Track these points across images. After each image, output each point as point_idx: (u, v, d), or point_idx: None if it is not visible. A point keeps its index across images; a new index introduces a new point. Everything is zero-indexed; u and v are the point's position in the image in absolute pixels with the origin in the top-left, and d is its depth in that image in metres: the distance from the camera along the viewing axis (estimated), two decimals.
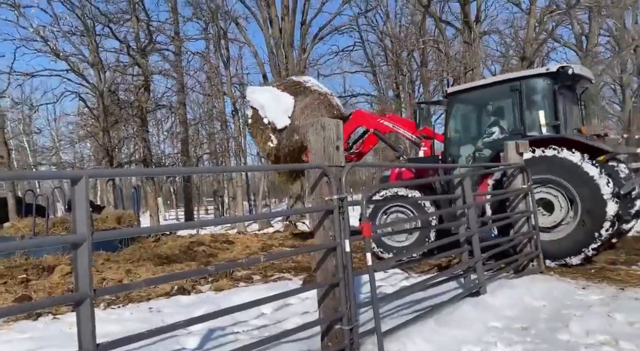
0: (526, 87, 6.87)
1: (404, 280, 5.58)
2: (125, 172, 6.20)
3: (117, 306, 5.36)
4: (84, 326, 2.19)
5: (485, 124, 7.61)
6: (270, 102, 9.08)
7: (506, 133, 7.13)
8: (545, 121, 6.79)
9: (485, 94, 7.46)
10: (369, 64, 25.36)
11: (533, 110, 6.91)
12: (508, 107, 7.22)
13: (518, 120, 6.93)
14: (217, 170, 12.42)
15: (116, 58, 19.25)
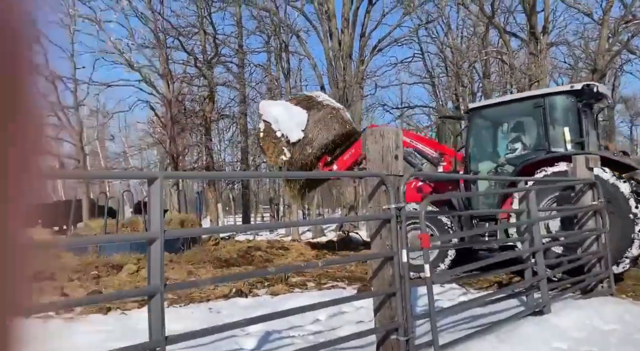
0: (550, 104, 6.90)
1: (461, 295, 5.44)
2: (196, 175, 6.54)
3: (178, 305, 5.60)
4: (155, 318, 2.32)
5: (508, 140, 7.59)
6: (284, 115, 9.25)
7: (529, 150, 7.13)
8: (570, 137, 6.77)
9: (508, 110, 7.49)
10: (427, 75, 25.08)
11: (557, 126, 6.93)
12: (531, 123, 7.24)
13: (542, 136, 6.93)
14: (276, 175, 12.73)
15: (184, 69, 20.26)
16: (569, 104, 6.87)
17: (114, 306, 5.38)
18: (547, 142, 6.85)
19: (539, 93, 7.32)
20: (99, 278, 7.20)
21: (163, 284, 2.33)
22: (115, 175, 6.80)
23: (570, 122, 6.86)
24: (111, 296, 3.88)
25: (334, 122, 9.48)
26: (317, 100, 9.81)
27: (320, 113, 9.48)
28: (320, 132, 9.31)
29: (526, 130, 7.43)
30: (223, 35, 20.20)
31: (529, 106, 7.12)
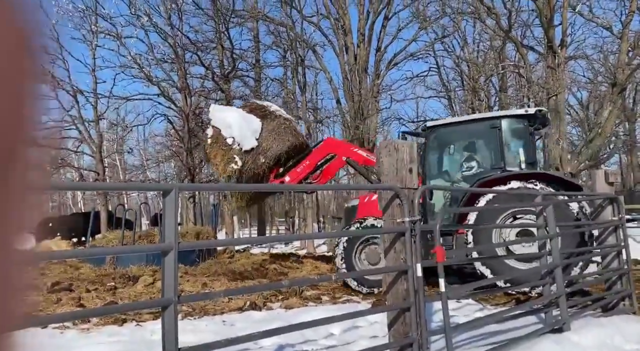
0: (505, 126, 7.31)
1: (477, 311, 5.35)
2: (211, 187, 6.58)
3: (193, 317, 5.61)
4: (168, 330, 2.33)
5: (463, 158, 7.89)
6: (238, 122, 8.90)
7: (485, 168, 7.47)
8: (525, 158, 7.28)
9: (465, 130, 7.83)
10: (443, 89, 25.03)
11: (512, 147, 7.43)
12: (488, 143, 7.61)
13: (498, 156, 7.31)
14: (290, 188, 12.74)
15: (201, 83, 20.56)
16: (523, 127, 7.35)
17: (129, 318, 5.41)
18: (502, 161, 7.22)
19: (495, 115, 7.76)
20: (116, 290, 7.26)
21: (177, 296, 2.34)
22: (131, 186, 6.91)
23: (523, 143, 7.38)
24: (126, 307, 3.91)
25: (287, 133, 9.33)
26: (269, 109, 9.64)
27: (274, 123, 9.31)
28: (275, 142, 9.11)
29: (482, 150, 7.80)
30: (240, 50, 20.52)
31: (485, 127, 7.48)
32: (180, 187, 2.72)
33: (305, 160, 9.07)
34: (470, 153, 7.86)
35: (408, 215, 3.25)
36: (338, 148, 9.17)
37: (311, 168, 8.88)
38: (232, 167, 8.67)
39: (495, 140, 7.35)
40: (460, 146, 8.11)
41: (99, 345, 4.35)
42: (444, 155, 8.17)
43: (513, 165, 7.24)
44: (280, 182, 8.92)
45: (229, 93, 19.25)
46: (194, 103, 19.18)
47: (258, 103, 9.97)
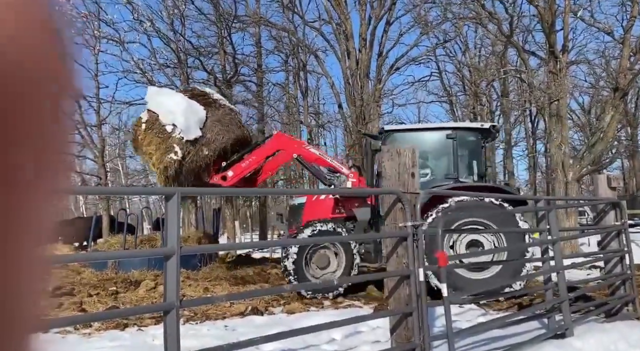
0: (460, 138, 7.52)
1: (480, 316, 5.33)
2: (213, 191, 6.55)
3: (195, 322, 5.60)
4: (170, 334, 2.33)
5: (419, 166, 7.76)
6: (183, 108, 7.94)
7: (438, 177, 7.62)
8: (477, 170, 7.60)
9: (421, 138, 7.85)
10: (445, 94, 25.07)
11: (466, 158, 7.66)
12: (442, 152, 7.76)
13: (452, 165, 7.52)
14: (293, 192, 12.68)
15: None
16: (476, 140, 7.64)
17: (131, 322, 5.40)
18: (456, 171, 7.45)
19: (452, 126, 8.01)
20: (117, 294, 7.25)
21: (179, 300, 2.35)
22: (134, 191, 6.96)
23: (475, 155, 7.66)
24: (128, 312, 3.90)
25: (232, 125, 8.68)
26: (213, 97, 8.86)
27: (219, 113, 8.60)
28: (220, 134, 8.37)
29: (436, 159, 7.92)
30: (242, 55, 20.59)
31: (441, 136, 7.66)
32: (182, 191, 2.73)
33: (252, 154, 8.51)
34: (424, 161, 7.83)
35: (410, 220, 3.25)
36: (288, 144, 8.65)
37: (258, 164, 8.34)
38: (170, 157, 7.77)
39: (450, 150, 7.53)
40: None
41: (100, 349, 4.34)
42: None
43: (465, 175, 7.52)
44: (222, 177, 8.26)
45: (231, 98, 19.29)
46: None
47: (199, 89, 9.11)
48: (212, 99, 8.81)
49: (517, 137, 26.74)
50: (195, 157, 8.02)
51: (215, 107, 8.68)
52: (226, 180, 8.25)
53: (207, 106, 8.54)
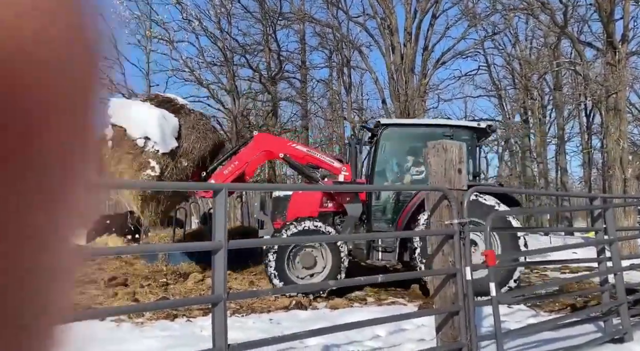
0: (457, 136, 7.31)
1: (530, 317, 5.15)
2: (258, 187, 6.62)
3: (240, 315, 5.72)
4: (218, 326, 2.40)
5: (414, 162, 7.75)
6: (156, 118, 7.20)
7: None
8: (473, 170, 7.48)
9: (418, 133, 7.71)
10: (494, 88, 24.30)
11: None
12: None
13: None
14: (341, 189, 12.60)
15: (249, 85, 20.99)
16: (472, 139, 7.52)
17: (180, 313, 5.59)
18: None
19: (449, 123, 7.94)
20: (167, 286, 7.52)
21: (226, 293, 2.40)
22: (183, 186, 6.87)
23: (470, 155, 7.34)
24: (178, 303, 4.04)
25: (207, 130, 8.10)
26: (179, 103, 8.17)
27: (190, 119, 7.97)
28: (197, 141, 7.79)
29: None
30: (287, 51, 20.78)
31: (438, 134, 7.42)
32: (229, 187, 2.79)
33: (233, 159, 7.86)
34: (419, 158, 7.61)
35: (457, 217, 3.18)
36: (273, 144, 8.13)
37: (241, 169, 7.69)
38: (147, 174, 7.06)
39: None
40: (410, 148, 7.94)
41: (152, 338, 4.52)
42: (393, 155, 7.99)
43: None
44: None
45: (275, 94, 19.54)
46: (242, 105, 19.59)
47: (163, 95, 8.32)
48: (180, 105, 8.15)
49: (570, 132, 25.58)
50: (175, 170, 7.43)
51: (185, 112, 8.08)
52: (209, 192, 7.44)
53: (177, 113, 7.91)
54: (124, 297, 6.80)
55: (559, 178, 23.79)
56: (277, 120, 20.45)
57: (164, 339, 4.48)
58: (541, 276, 8.39)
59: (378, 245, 7.19)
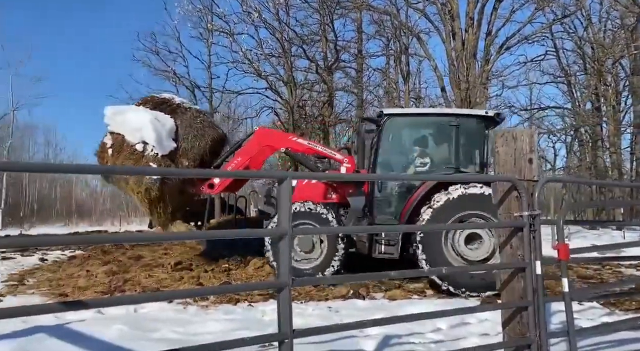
0: (463, 125, 7.16)
1: (604, 315, 4.87)
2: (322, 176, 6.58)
3: (299, 302, 5.82)
4: (283, 311, 2.43)
5: (419, 153, 7.56)
6: (148, 122, 7.17)
7: (439, 166, 7.26)
8: (480, 160, 7.25)
9: (423, 123, 7.61)
10: (562, 74, 22.94)
11: (467, 147, 7.30)
12: (444, 140, 7.42)
13: (453, 155, 7.19)
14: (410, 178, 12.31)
15: (304, 76, 21.11)
16: (480, 128, 7.24)
17: (242, 298, 5.77)
18: (456, 161, 7.13)
19: (455, 112, 7.67)
20: (229, 271, 7.78)
21: (291, 279, 2.43)
22: (248, 174, 7.04)
23: (478, 145, 7.26)
24: (243, 288, 4.17)
25: (205, 127, 8.03)
26: (175, 102, 8.19)
27: (187, 117, 7.96)
28: (196, 140, 7.77)
29: (437, 146, 7.57)
30: (343, 41, 20.67)
31: (444, 123, 7.31)
32: (293, 175, 2.82)
33: (236, 156, 7.83)
34: (424, 149, 7.57)
35: (527, 209, 3.04)
36: (274, 138, 8.04)
37: (244, 165, 7.57)
38: (147, 179, 7.01)
39: (452, 138, 7.19)
40: (414, 139, 7.77)
41: (216, 321, 4.70)
42: (397, 146, 7.74)
43: (467, 166, 7.22)
44: (209, 185, 7.57)
45: (331, 84, 19.53)
46: (299, 96, 19.76)
47: (158, 97, 8.37)
48: (176, 104, 8.21)
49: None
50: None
51: (181, 111, 8.11)
52: (214, 188, 7.70)
53: (173, 113, 7.97)
54: (189, 281, 7.11)
55: (634, 170, 22.18)
56: (333, 111, 20.45)
57: (228, 322, 4.65)
58: (614, 273, 7.89)
59: (381, 238, 7.07)
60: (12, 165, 8.39)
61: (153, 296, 4.66)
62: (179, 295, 4.35)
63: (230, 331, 4.26)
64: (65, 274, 7.80)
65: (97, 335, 4.10)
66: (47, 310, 2.17)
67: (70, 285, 6.81)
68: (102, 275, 7.38)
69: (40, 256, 9.98)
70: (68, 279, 7.33)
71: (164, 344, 3.72)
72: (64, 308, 2.07)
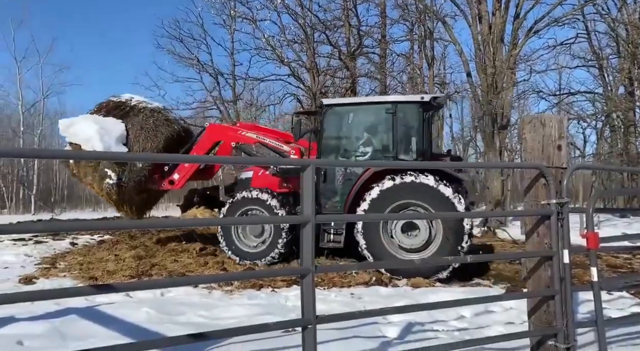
0: (400, 112, 7.17)
1: (634, 305, 4.75)
2: (345, 163, 6.64)
3: (322, 288, 5.86)
4: (307, 297, 2.45)
5: (359, 142, 7.64)
6: (97, 131, 7.68)
7: (378, 154, 7.36)
8: (417, 147, 7.21)
9: (361, 112, 7.62)
10: (594, 57, 22.14)
11: (405, 134, 7.33)
12: (382, 128, 7.46)
13: (391, 142, 7.23)
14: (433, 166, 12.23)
15: (327, 62, 20.94)
16: (417, 114, 7.18)
17: (265, 284, 5.84)
18: (395, 149, 7.15)
19: (390, 99, 7.55)
20: None
21: (314, 266, 2.45)
22: (270, 161, 7.34)
23: (416, 131, 7.25)
24: (265, 273, 4.22)
25: (158, 126, 8.37)
26: (130, 104, 8.63)
27: (139, 119, 8.35)
28: (148, 140, 8.14)
29: (378, 135, 7.60)
30: (367, 26, 20.37)
31: (380, 111, 7.32)
32: (316, 162, 2.81)
33: (192, 152, 8.32)
34: (366, 137, 7.64)
35: (555, 197, 2.98)
36: (224, 134, 8.53)
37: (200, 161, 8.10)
38: (107, 182, 7.74)
39: (389, 125, 7.21)
40: (356, 128, 7.81)
41: (241, 306, 4.77)
42: (338, 136, 7.82)
43: (405, 153, 7.24)
44: (170, 182, 8.21)
45: (354, 71, 19.33)
46: (321, 82, 19.65)
47: (115, 100, 8.83)
48: (130, 106, 8.64)
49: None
50: (131, 173, 7.91)
51: (134, 114, 8.52)
52: (174, 184, 8.29)
53: (126, 116, 8.43)
54: (214, 266, 7.24)
55: None
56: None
57: (252, 307, 4.72)
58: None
59: (330, 228, 7.22)
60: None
61: (179, 281, 4.76)
62: (205, 280, 4.43)
63: (254, 316, 4.32)
64: (94, 258, 8.03)
65: (126, 318, 4.22)
66: (80, 293, 2.26)
67: (100, 269, 7.01)
68: (130, 260, 7.57)
69: (70, 240, 10.29)
70: (97, 263, 7.55)
71: (189, 327, 3.80)
72: (96, 292, 2.15)
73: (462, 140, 33.09)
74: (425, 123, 7.23)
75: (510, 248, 9.66)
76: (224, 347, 3.26)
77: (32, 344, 3.44)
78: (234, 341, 3.08)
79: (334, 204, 7.45)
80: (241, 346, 3.22)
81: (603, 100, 20.85)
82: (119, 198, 8.07)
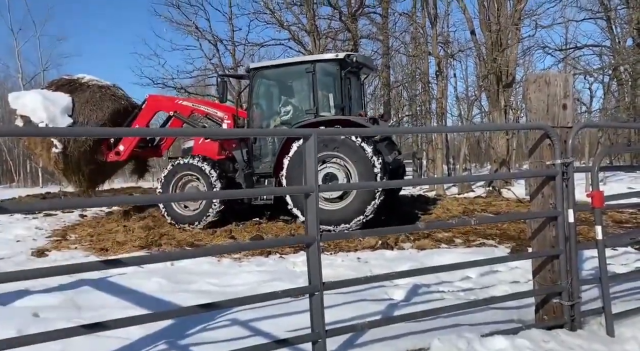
0: (319, 71, 7.47)
1: (638, 260, 4.80)
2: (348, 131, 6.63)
3: (329, 253, 5.94)
4: (313, 265, 2.49)
5: (283, 102, 8.03)
6: (42, 103, 8.20)
7: (300, 112, 7.71)
8: (335, 103, 7.54)
9: (285, 73, 7.97)
10: (601, 9, 21.48)
11: (324, 92, 7.66)
12: (303, 87, 7.79)
13: (311, 100, 7.52)
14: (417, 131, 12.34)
15: (328, 24, 20.44)
16: (334, 72, 7.49)
17: (273, 250, 5.93)
18: (315, 106, 7.45)
19: (309, 59, 7.86)
20: (260, 224, 7.97)
21: (319, 234, 2.47)
22: (272, 132, 7.59)
23: (335, 88, 7.55)
24: (272, 243, 4.28)
25: (104, 101, 8.88)
26: (80, 82, 9.18)
27: (86, 94, 8.86)
28: (93, 113, 8.64)
29: (300, 94, 7.95)
30: None
31: (302, 71, 7.56)
32: (319, 132, 2.78)
33: (134, 123, 8.76)
34: (290, 97, 8.01)
35: (560, 157, 2.95)
36: (162, 104, 9.05)
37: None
38: (53, 152, 8.30)
39: (309, 84, 7.51)
40: (281, 90, 8.22)
41: (250, 273, 4.86)
42: (267, 98, 8.27)
43: (325, 110, 7.56)
44: (116, 153, 8.71)
45: (356, 32, 18.90)
46: (322, 46, 19.26)
47: (67, 78, 9.41)
48: (79, 83, 9.14)
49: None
50: (76, 143, 8.37)
51: (81, 90, 8.98)
52: (120, 155, 8.79)
53: (74, 92, 8.88)
54: (222, 235, 7.34)
55: None
56: None
57: (260, 274, 4.80)
58: None
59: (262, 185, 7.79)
60: None
61: (190, 253, 4.85)
62: (213, 251, 4.50)
63: (263, 282, 4.41)
64: (104, 229, 8.15)
65: (139, 288, 4.32)
66: (94, 267, 2.32)
67: (110, 240, 7.13)
68: (139, 230, 7.68)
69: (80, 212, 10.43)
70: (107, 234, 7.68)
71: (200, 296, 3.89)
72: (109, 266, 2.22)
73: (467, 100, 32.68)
74: (343, 81, 7.51)
75: (516, 208, 9.70)
76: (235, 314, 3.34)
77: (48, 315, 3.54)
78: (244, 309, 3.15)
79: (266, 164, 7.91)
80: (251, 312, 3.30)
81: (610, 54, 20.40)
82: (66, 168, 8.57)
